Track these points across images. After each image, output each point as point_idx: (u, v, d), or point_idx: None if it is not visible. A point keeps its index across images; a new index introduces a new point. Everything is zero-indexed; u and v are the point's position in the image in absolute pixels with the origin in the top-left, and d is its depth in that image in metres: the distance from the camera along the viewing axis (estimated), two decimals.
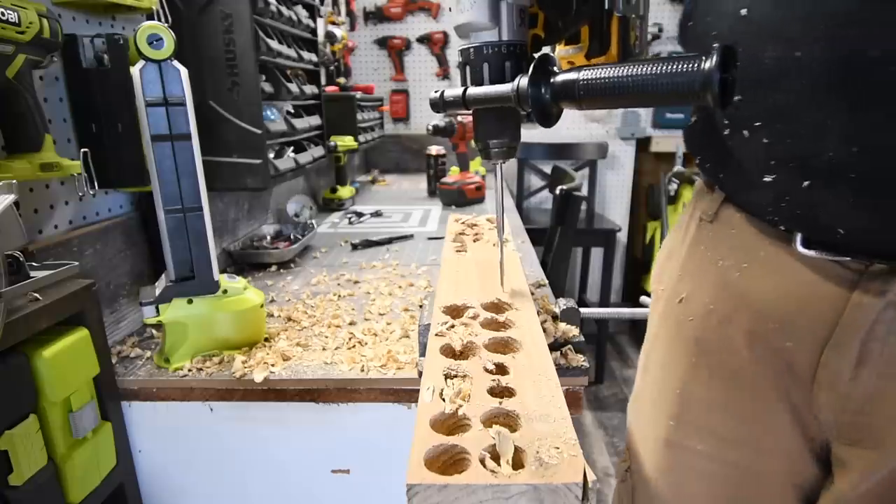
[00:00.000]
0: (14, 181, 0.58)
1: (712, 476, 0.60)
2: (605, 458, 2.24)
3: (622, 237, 3.32)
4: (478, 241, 0.95)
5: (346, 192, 2.08)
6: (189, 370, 0.83)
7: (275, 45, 1.25)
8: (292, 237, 1.51)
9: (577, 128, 3.18)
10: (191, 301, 0.83)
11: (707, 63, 0.36)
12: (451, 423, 0.42)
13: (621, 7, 0.59)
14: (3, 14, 0.66)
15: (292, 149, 1.47)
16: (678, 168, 2.99)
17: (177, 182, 0.79)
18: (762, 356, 0.53)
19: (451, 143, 2.13)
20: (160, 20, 1.01)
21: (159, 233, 0.81)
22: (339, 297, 1.13)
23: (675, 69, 0.38)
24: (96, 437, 0.73)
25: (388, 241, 1.55)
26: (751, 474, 0.57)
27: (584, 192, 2.89)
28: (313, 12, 1.59)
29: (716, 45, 0.36)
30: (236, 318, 0.86)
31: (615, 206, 3.28)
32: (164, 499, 0.87)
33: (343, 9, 2.71)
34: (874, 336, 0.45)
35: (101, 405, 0.75)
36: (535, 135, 3.18)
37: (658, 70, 0.39)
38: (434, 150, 2.26)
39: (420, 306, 1.06)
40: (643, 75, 0.40)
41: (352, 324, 1.00)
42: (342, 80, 2.36)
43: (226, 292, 0.86)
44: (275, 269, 1.33)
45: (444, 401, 0.44)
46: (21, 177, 0.71)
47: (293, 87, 1.38)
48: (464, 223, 1.06)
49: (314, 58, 1.57)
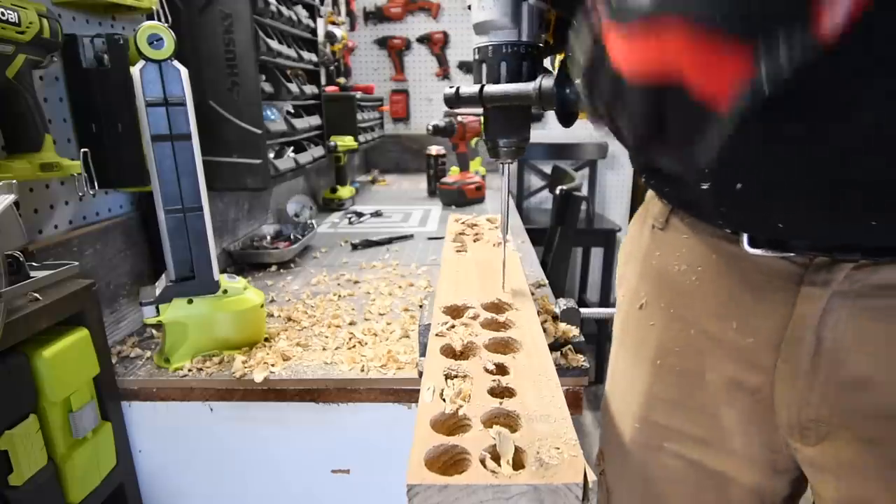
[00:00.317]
0: (14, 181, 0.58)
1: (680, 477, 0.60)
2: None
3: (622, 237, 3.31)
4: (478, 241, 0.95)
5: (346, 192, 2.08)
6: (189, 370, 0.83)
7: (275, 45, 1.25)
8: (292, 237, 1.50)
9: (576, 128, 3.17)
10: (191, 301, 0.83)
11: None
12: (452, 424, 0.42)
13: None
14: (3, 14, 0.66)
15: (292, 149, 1.47)
16: None
17: (177, 182, 0.79)
18: (723, 356, 0.54)
19: (451, 143, 2.13)
20: (160, 20, 1.01)
21: (159, 233, 0.81)
22: (339, 297, 1.13)
23: None
24: (96, 437, 0.73)
25: (388, 241, 1.55)
26: (716, 476, 0.58)
27: (584, 192, 2.89)
28: (313, 12, 1.59)
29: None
30: (236, 318, 0.86)
31: (615, 206, 3.28)
32: (164, 499, 0.87)
33: (343, 9, 2.71)
34: (825, 325, 0.46)
35: (101, 405, 0.75)
36: (534, 135, 3.17)
37: None
38: (434, 150, 2.26)
39: (420, 306, 1.06)
40: None
41: (352, 324, 1.00)
42: (342, 80, 2.35)
43: (226, 292, 0.86)
44: (275, 269, 1.33)
45: (444, 401, 0.44)
46: (21, 177, 0.71)
47: (293, 87, 1.38)
48: (464, 223, 1.06)
49: (314, 58, 1.57)
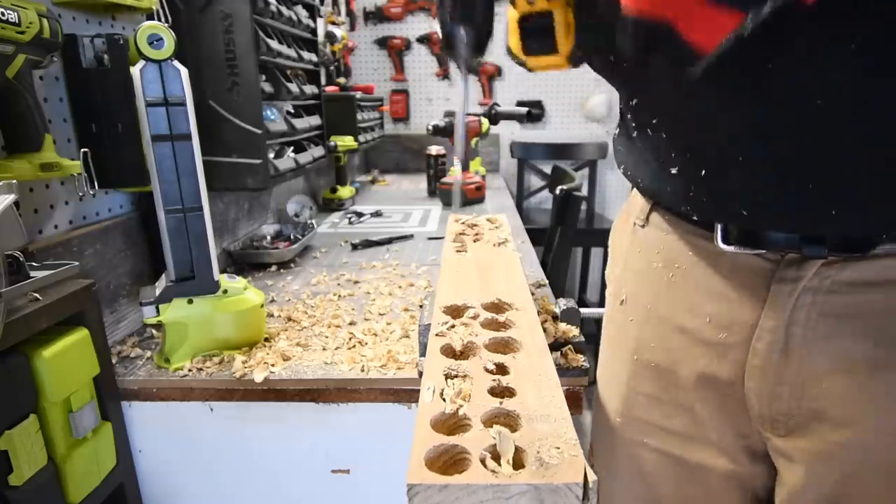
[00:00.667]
0: (14, 181, 0.58)
1: (662, 471, 0.61)
2: None
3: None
4: (478, 241, 0.95)
5: (346, 192, 2.08)
6: (189, 370, 0.83)
7: (275, 45, 1.25)
8: (292, 237, 1.50)
9: (577, 128, 3.18)
10: (191, 301, 0.83)
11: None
12: (452, 423, 0.42)
13: None
14: (3, 14, 0.66)
15: (292, 149, 1.47)
16: None
17: (177, 182, 0.79)
18: (696, 351, 0.55)
19: (451, 143, 2.13)
20: (160, 20, 1.01)
21: (159, 233, 0.81)
22: (339, 297, 1.13)
23: None
24: (96, 437, 0.73)
25: (388, 241, 1.55)
26: (697, 469, 0.59)
27: (584, 192, 2.89)
28: (313, 12, 1.59)
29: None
30: (236, 318, 0.86)
31: (615, 206, 3.28)
32: (164, 499, 0.87)
33: (343, 9, 2.71)
34: (795, 321, 0.47)
35: (101, 405, 0.75)
36: (535, 135, 3.18)
37: None
38: (434, 150, 2.26)
39: (420, 306, 1.06)
40: None
41: (352, 324, 1.00)
42: (342, 80, 2.35)
43: (226, 292, 0.86)
44: (275, 269, 1.33)
45: (444, 401, 0.44)
46: (21, 177, 0.71)
47: (293, 87, 1.38)
48: (464, 223, 1.06)
49: (314, 58, 1.57)
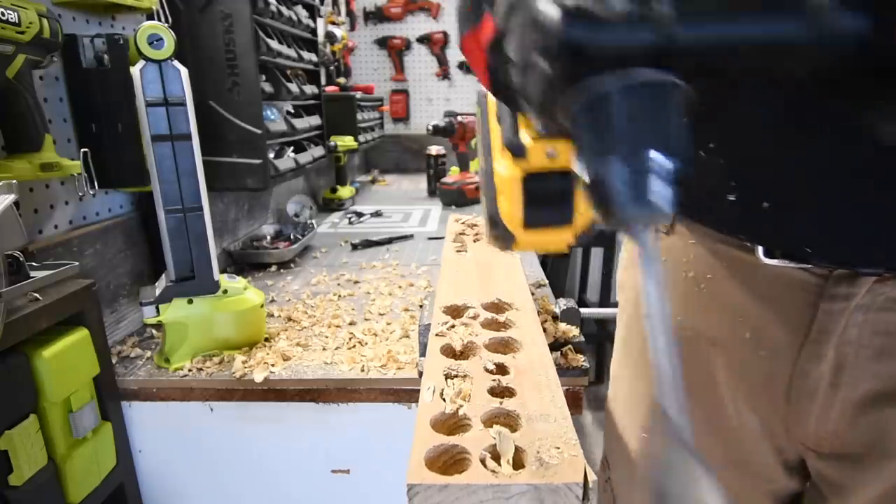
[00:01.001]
0: (14, 181, 0.58)
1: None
2: None
3: (622, 237, 3.31)
4: (478, 241, 0.95)
5: (346, 192, 2.08)
6: (189, 370, 0.83)
7: (275, 45, 1.25)
8: (292, 237, 1.50)
9: None
10: (191, 301, 0.83)
11: None
12: (452, 423, 0.42)
13: None
14: (3, 14, 0.66)
15: (292, 149, 1.47)
16: None
17: (177, 182, 0.79)
18: (734, 367, 0.52)
19: (451, 143, 2.13)
20: (160, 20, 1.01)
21: (159, 233, 0.81)
22: (339, 297, 1.13)
23: None
24: (96, 437, 0.73)
25: (388, 241, 1.55)
26: (732, 486, 0.56)
27: None
28: (313, 12, 1.59)
29: None
30: (236, 318, 0.86)
31: None
32: (164, 499, 0.87)
33: (343, 9, 2.71)
34: (847, 340, 0.45)
35: (101, 405, 0.75)
36: None
37: None
38: (434, 150, 2.26)
39: (420, 306, 1.06)
40: None
41: (352, 324, 1.00)
42: (342, 80, 2.35)
43: (226, 292, 0.86)
44: (275, 269, 1.33)
45: (444, 401, 0.44)
46: (21, 177, 0.71)
47: (293, 87, 1.38)
48: (464, 223, 1.06)
49: (314, 58, 1.57)
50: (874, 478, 0.47)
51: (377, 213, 1.94)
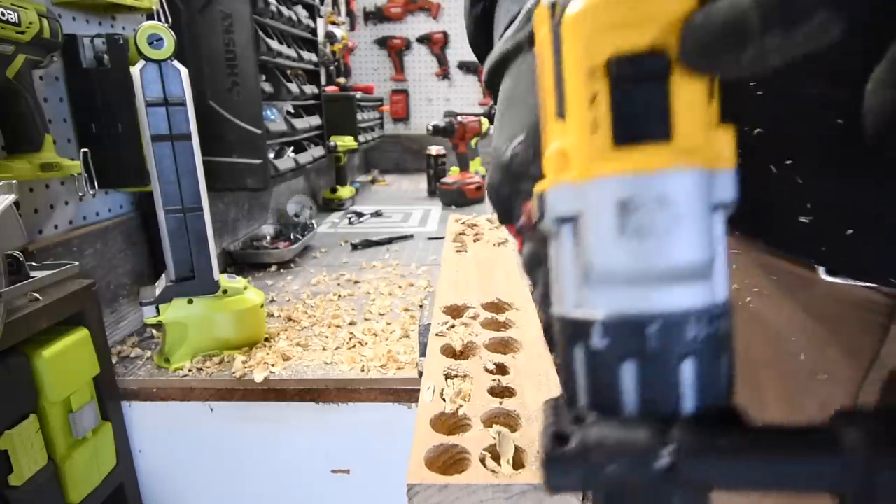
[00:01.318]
0: (14, 181, 0.58)
1: None
2: None
3: None
4: (478, 241, 0.95)
5: (346, 192, 2.08)
6: (189, 370, 0.83)
7: (275, 45, 1.25)
8: (292, 237, 1.50)
9: None
10: (191, 301, 0.83)
11: None
12: (452, 423, 0.42)
13: None
14: (3, 14, 0.66)
15: (292, 149, 1.47)
16: None
17: (177, 182, 0.79)
18: (787, 391, 0.48)
19: (451, 143, 2.13)
20: (160, 20, 1.01)
21: (159, 233, 0.81)
22: (339, 297, 1.13)
23: None
24: (96, 437, 0.73)
25: (388, 241, 1.55)
26: None
27: None
28: (313, 12, 1.59)
29: None
30: (236, 318, 0.86)
31: None
32: (164, 499, 0.87)
33: (343, 9, 2.71)
34: None
35: (101, 405, 0.75)
36: None
37: None
38: (434, 150, 2.26)
39: (420, 306, 1.06)
40: None
41: (352, 324, 1.00)
42: (342, 80, 2.36)
43: (226, 292, 0.86)
44: (275, 269, 1.33)
45: (444, 401, 0.44)
46: (21, 177, 0.71)
47: (293, 87, 1.38)
48: (464, 223, 1.06)
49: (314, 58, 1.57)
50: None
51: (377, 213, 1.94)
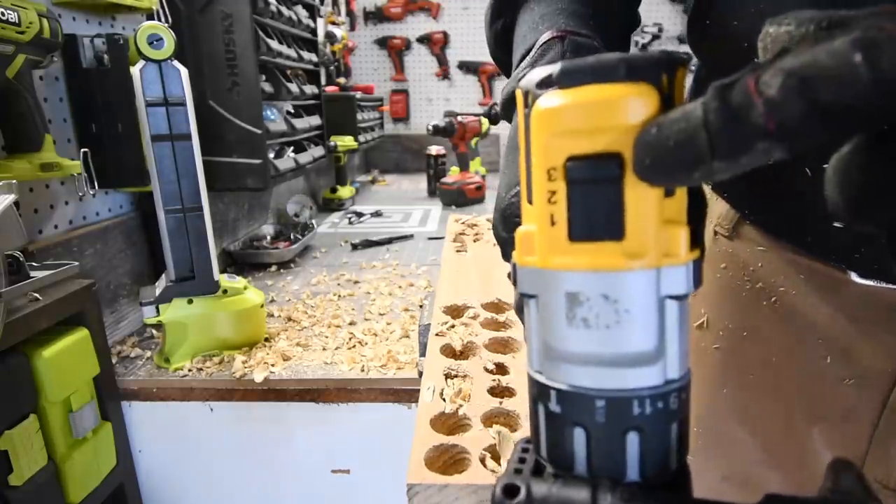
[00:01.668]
0: (14, 181, 0.58)
1: None
2: None
3: None
4: (478, 241, 0.95)
5: (346, 192, 2.08)
6: (189, 370, 0.83)
7: (275, 45, 1.25)
8: (292, 237, 1.50)
9: None
10: (191, 301, 0.83)
11: None
12: (452, 423, 0.42)
13: None
14: (3, 14, 0.66)
15: (292, 149, 1.47)
16: None
17: (177, 182, 0.79)
18: (811, 393, 0.46)
19: (451, 143, 2.13)
20: (160, 20, 1.01)
21: (159, 233, 0.81)
22: (339, 297, 1.13)
23: None
24: (96, 437, 0.73)
25: (388, 241, 1.55)
26: None
27: None
28: (313, 12, 1.59)
29: None
30: (236, 318, 0.86)
31: None
32: (164, 499, 0.87)
33: (343, 9, 2.71)
34: None
35: (101, 405, 0.75)
36: None
37: None
38: (434, 150, 2.26)
39: (420, 306, 1.06)
40: None
41: (352, 324, 1.00)
42: (342, 80, 2.36)
43: (226, 292, 0.86)
44: (275, 269, 1.33)
45: (444, 400, 0.44)
46: (21, 177, 0.71)
47: (293, 87, 1.38)
48: (464, 223, 1.06)
49: (314, 58, 1.57)
50: None
51: (377, 213, 1.94)
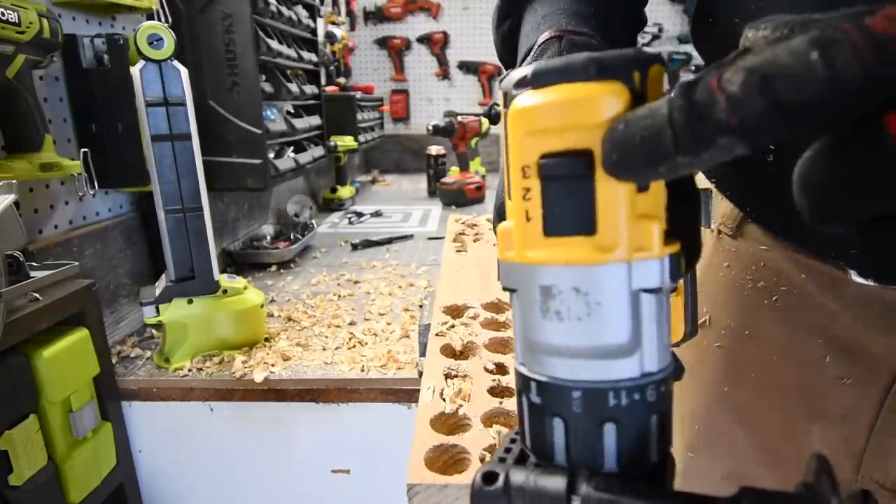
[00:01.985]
0: (14, 181, 0.58)
1: None
2: None
3: None
4: (478, 241, 0.95)
5: (346, 192, 2.08)
6: (189, 370, 0.83)
7: (275, 45, 1.25)
8: (292, 237, 1.50)
9: None
10: (191, 301, 0.83)
11: None
12: (452, 423, 0.42)
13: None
14: (3, 14, 0.66)
15: (292, 149, 1.47)
16: None
17: (177, 182, 0.79)
18: (811, 391, 0.46)
19: (451, 143, 2.13)
20: (160, 20, 1.01)
21: (159, 233, 0.81)
22: (339, 297, 1.13)
23: None
24: (96, 437, 0.73)
25: (388, 241, 1.55)
26: None
27: None
28: (313, 12, 1.59)
29: None
30: (236, 318, 0.86)
31: None
32: (164, 499, 0.87)
33: (343, 9, 2.71)
34: None
35: (101, 405, 0.75)
36: None
37: None
38: (434, 150, 2.26)
39: (420, 306, 1.06)
40: None
41: (352, 324, 1.00)
42: (342, 80, 2.36)
43: (226, 292, 0.86)
44: (275, 269, 1.33)
45: (444, 400, 0.44)
46: (21, 177, 0.71)
47: (293, 87, 1.38)
48: (464, 223, 1.06)
49: (314, 58, 1.57)
50: None
51: (377, 213, 1.94)
